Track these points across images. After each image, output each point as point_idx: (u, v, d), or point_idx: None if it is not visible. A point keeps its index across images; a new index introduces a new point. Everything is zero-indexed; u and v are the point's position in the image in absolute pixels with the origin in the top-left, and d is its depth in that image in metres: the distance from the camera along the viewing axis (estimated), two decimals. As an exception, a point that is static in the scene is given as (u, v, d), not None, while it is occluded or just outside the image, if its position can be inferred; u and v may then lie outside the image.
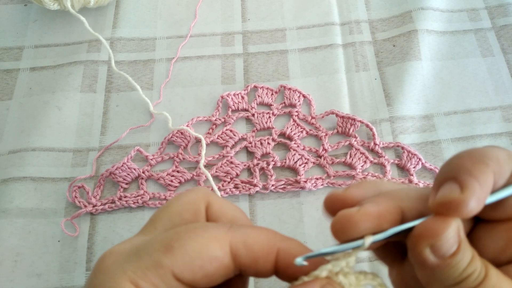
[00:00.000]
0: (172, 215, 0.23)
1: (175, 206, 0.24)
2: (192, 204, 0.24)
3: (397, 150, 0.44)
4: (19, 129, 0.46)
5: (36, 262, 0.39)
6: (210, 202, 0.24)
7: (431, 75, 0.48)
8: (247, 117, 0.46)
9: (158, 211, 0.24)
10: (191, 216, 0.23)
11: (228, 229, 0.21)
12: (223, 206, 0.24)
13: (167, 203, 0.24)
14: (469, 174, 0.19)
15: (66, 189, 0.42)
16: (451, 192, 0.19)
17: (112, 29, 0.52)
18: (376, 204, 0.21)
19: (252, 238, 0.21)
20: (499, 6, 0.52)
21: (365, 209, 0.20)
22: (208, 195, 0.24)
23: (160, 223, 0.23)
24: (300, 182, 0.42)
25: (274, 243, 0.21)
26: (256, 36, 0.51)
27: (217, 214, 0.24)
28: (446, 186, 0.20)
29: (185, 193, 0.24)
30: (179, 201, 0.24)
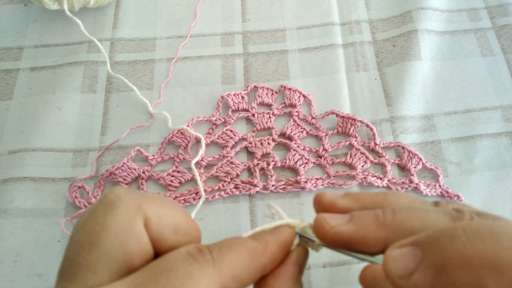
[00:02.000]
0: (112, 253, 0.18)
1: (109, 241, 0.18)
2: (129, 230, 0.19)
3: (398, 150, 0.44)
4: (19, 129, 0.46)
5: (36, 262, 0.39)
6: (146, 217, 0.20)
7: (431, 75, 0.48)
8: (247, 117, 0.46)
9: (83, 251, 0.19)
10: (135, 246, 0.19)
11: (214, 268, 0.19)
12: (161, 216, 0.20)
13: (92, 237, 0.19)
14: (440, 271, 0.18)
15: (66, 189, 0.42)
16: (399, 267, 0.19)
17: (112, 29, 0.52)
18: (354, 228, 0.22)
19: (239, 267, 0.20)
20: (499, 5, 0.52)
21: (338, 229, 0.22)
22: (139, 206, 0.20)
23: (100, 267, 0.18)
24: (300, 182, 0.42)
25: (258, 262, 0.21)
26: (256, 36, 0.51)
27: (158, 231, 0.20)
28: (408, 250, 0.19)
29: (110, 214, 0.19)
30: (109, 231, 0.19)
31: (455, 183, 0.42)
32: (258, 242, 0.22)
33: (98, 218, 0.19)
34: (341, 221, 0.22)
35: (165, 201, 0.21)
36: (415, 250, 0.18)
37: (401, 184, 0.42)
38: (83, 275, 0.18)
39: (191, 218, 0.22)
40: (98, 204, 0.20)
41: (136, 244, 0.19)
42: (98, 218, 0.19)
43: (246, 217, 0.41)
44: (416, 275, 0.17)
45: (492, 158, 0.43)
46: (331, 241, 0.22)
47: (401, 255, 0.18)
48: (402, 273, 0.18)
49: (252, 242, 0.22)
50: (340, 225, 0.21)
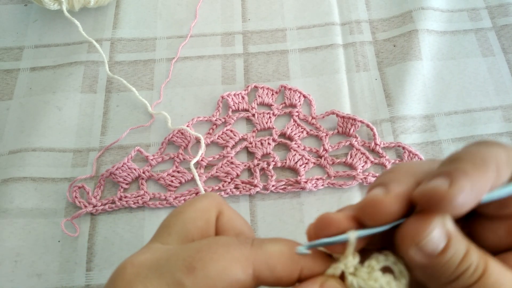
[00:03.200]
0: (186, 221, 0.23)
1: (189, 212, 0.24)
2: (205, 211, 0.24)
3: (398, 150, 0.44)
4: (19, 129, 0.46)
5: (36, 262, 0.39)
6: (221, 211, 0.24)
7: (431, 75, 0.48)
8: (248, 117, 0.46)
9: (171, 216, 0.24)
10: (204, 224, 0.23)
11: (250, 248, 0.21)
12: (232, 218, 0.24)
13: (180, 208, 0.24)
14: (464, 174, 0.19)
15: (66, 189, 0.42)
16: (438, 185, 0.18)
17: (112, 29, 0.52)
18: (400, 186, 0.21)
19: (276, 257, 0.21)
20: (500, 5, 0.52)
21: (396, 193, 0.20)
22: (221, 203, 0.25)
23: (174, 229, 0.23)
24: (300, 182, 0.42)
25: (297, 261, 0.21)
26: (257, 36, 0.51)
27: (226, 226, 0.24)
28: (437, 179, 0.19)
29: (199, 199, 0.25)
30: (192, 207, 0.24)
31: (455, 183, 0.42)
32: None
33: (191, 201, 0.25)
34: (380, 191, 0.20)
35: (238, 213, 0.26)
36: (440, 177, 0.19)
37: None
38: (162, 234, 0.23)
39: (252, 231, 0.25)
40: (199, 196, 0.26)
41: (205, 223, 0.23)
42: (191, 200, 0.25)
43: (246, 217, 0.41)
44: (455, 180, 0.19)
45: (493, 158, 0.43)
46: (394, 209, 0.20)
47: (435, 181, 0.19)
48: (446, 185, 0.18)
49: (297, 243, 0.22)
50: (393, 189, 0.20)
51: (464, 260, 0.19)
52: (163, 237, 0.23)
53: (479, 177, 0.19)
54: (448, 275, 0.19)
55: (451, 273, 0.19)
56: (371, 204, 0.20)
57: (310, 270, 0.21)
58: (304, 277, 0.21)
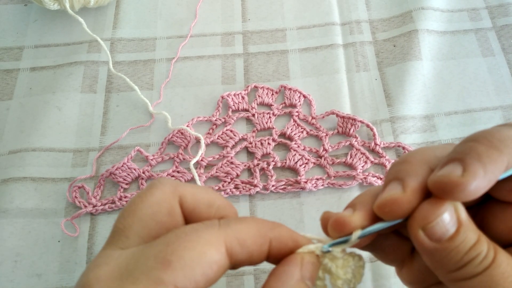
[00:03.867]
0: (144, 220, 0.21)
1: (144, 209, 0.22)
2: (163, 203, 0.22)
3: (398, 150, 0.44)
4: (19, 129, 0.46)
5: (36, 262, 0.39)
6: (181, 194, 0.23)
7: (431, 75, 0.48)
8: (248, 117, 0.46)
9: (123, 217, 0.22)
10: (166, 217, 0.22)
11: (219, 228, 0.21)
12: (195, 193, 0.23)
13: (133, 206, 0.22)
14: (477, 158, 0.19)
15: (66, 189, 0.42)
16: (451, 173, 0.19)
17: (112, 29, 0.52)
18: None
19: (244, 233, 0.21)
20: (500, 5, 0.52)
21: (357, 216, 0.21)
22: (176, 186, 0.23)
23: (132, 231, 0.21)
24: (300, 182, 0.42)
25: (265, 234, 0.22)
26: (257, 36, 0.51)
27: (193, 205, 0.23)
28: (450, 166, 0.19)
29: (150, 192, 0.22)
30: (146, 202, 0.22)
31: (455, 183, 0.42)
32: (271, 222, 0.23)
33: (140, 194, 0.22)
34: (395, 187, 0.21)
35: (198, 186, 0.24)
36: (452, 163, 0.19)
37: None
38: (118, 238, 0.21)
39: (224, 198, 0.24)
40: (145, 187, 0.23)
41: (167, 215, 0.22)
42: (141, 194, 0.22)
43: (246, 217, 0.41)
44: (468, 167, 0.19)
45: (493, 158, 0.43)
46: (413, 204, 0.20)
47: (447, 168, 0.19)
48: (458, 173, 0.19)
49: (263, 219, 0.23)
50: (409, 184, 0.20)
51: (474, 248, 0.19)
52: (121, 242, 0.21)
53: (493, 161, 0.18)
54: (456, 261, 0.19)
55: (459, 260, 0.19)
56: (390, 202, 0.20)
57: (279, 242, 0.22)
58: (274, 251, 0.22)
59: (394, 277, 0.38)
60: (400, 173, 0.21)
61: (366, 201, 0.22)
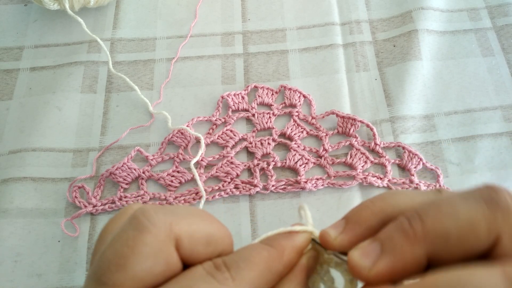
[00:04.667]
0: (138, 276, 0.18)
1: (138, 265, 0.18)
2: (159, 254, 0.18)
3: (398, 150, 0.44)
4: (19, 129, 0.46)
5: (36, 262, 0.39)
6: (177, 237, 0.19)
7: (431, 75, 0.48)
8: (248, 117, 0.46)
9: (109, 271, 0.18)
10: (163, 268, 0.19)
11: (233, 284, 0.19)
12: (193, 233, 0.20)
13: (120, 259, 0.18)
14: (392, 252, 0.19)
15: (66, 189, 0.42)
16: (362, 261, 0.19)
17: (112, 29, 0.52)
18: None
19: (258, 281, 0.20)
20: (499, 5, 0.52)
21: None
22: (170, 228, 0.19)
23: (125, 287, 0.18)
24: (300, 182, 0.42)
25: (276, 271, 0.21)
26: (256, 36, 0.51)
27: (190, 248, 0.20)
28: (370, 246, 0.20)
29: (140, 239, 0.18)
30: (138, 254, 0.18)
31: (455, 183, 0.42)
32: (275, 248, 0.21)
33: (128, 241, 0.18)
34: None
35: (196, 215, 0.21)
36: (375, 244, 0.20)
37: (401, 184, 0.42)
38: None
39: (222, 225, 0.22)
40: (128, 224, 0.19)
41: (165, 266, 0.19)
42: (128, 240, 0.18)
43: (246, 217, 0.41)
44: (378, 262, 0.19)
45: (493, 158, 0.43)
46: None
47: (364, 251, 0.20)
48: (367, 264, 0.19)
49: (269, 250, 0.21)
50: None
51: None
52: None
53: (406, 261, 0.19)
54: None
55: None
56: (322, 240, 0.23)
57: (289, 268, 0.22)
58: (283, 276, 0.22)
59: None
60: (351, 215, 0.22)
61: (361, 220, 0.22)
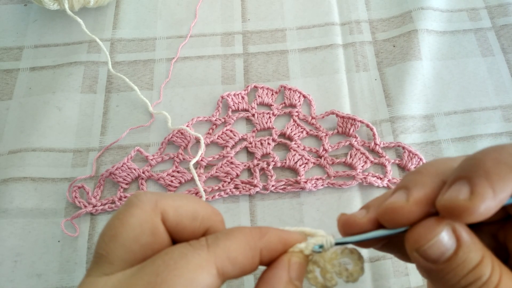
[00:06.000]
0: (127, 245, 0.20)
1: (126, 233, 0.20)
2: (144, 224, 0.21)
3: (398, 150, 0.44)
4: (19, 129, 0.46)
5: (36, 262, 0.39)
6: (163, 210, 0.21)
7: (431, 75, 0.48)
8: (247, 117, 0.46)
9: (103, 242, 0.21)
10: (150, 238, 0.21)
11: (208, 250, 0.20)
12: (178, 207, 0.22)
13: (111, 230, 0.21)
14: (485, 177, 0.18)
15: (66, 189, 0.42)
16: (457, 196, 0.18)
17: (112, 29, 0.52)
18: None
19: (234, 250, 0.21)
20: (499, 5, 0.52)
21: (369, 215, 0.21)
22: (155, 202, 0.21)
23: (116, 257, 0.20)
24: (300, 182, 0.42)
25: (254, 246, 0.21)
26: (256, 36, 0.51)
27: (176, 221, 0.22)
28: (457, 185, 0.18)
29: (129, 212, 0.21)
30: (127, 225, 0.20)
31: (455, 183, 0.42)
32: (259, 229, 0.22)
33: (119, 215, 0.21)
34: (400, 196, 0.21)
35: (181, 196, 0.23)
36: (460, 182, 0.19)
37: (401, 184, 0.42)
38: (101, 264, 0.20)
39: (209, 205, 0.23)
40: (122, 205, 0.22)
41: (151, 236, 0.21)
42: (119, 215, 0.21)
43: (246, 217, 0.41)
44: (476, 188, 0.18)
45: (492, 158, 0.43)
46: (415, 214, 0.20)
47: (454, 190, 0.18)
48: (465, 195, 0.18)
49: (250, 229, 0.22)
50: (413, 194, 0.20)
51: (475, 271, 0.18)
52: (105, 268, 0.20)
53: (502, 178, 0.18)
54: (455, 282, 0.19)
55: (458, 281, 0.18)
56: (391, 211, 0.20)
57: (269, 250, 0.22)
58: (265, 258, 0.22)
59: (394, 277, 0.38)
60: (409, 183, 0.21)
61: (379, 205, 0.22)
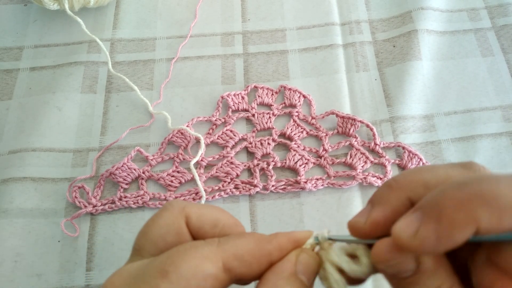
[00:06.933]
0: (154, 241, 0.24)
1: (155, 231, 0.24)
2: (171, 225, 0.24)
3: (398, 150, 0.44)
4: (19, 129, 0.46)
5: (36, 262, 0.39)
6: (187, 215, 0.24)
7: (431, 75, 0.48)
8: (247, 118, 0.46)
9: (138, 238, 0.24)
10: (174, 237, 0.24)
11: (217, 245, 0.22)
12: (201, 214, 0.25)
13: (145, 228, 0.24)
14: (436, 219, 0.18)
15: (66, 189, 0.42)
16: (404, 229, 0.19)
17: (112, 29, 0.52)
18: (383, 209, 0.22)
19: (242, 248, 0.22)
20: (499, 6, 0.52)
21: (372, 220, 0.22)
22: (183, 208, 0.25)
23: (145, 251, 0.24)
24: (300, 182, 0.42)
25: (263, 247, 0.23)
26: (256, 36, 0.51)
27: (198, 224, 0.24)
28: (411, 217, 0.19)
29: (160, 214, 0.25)
30: (156, 225, 0.24)
31: (455, 183, 0.42)
32: (270, 235, 0.24)
33: (153, 217, 0.25)
34: (365, 213, 0.22)
35: (208, 206, 0.26)
36: (416, 214, 0.19)
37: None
38: (134, 256, 0.24)
39: (231, 216, 0.26)
40: (159, 210, 0.25)
41: (175, 235, 0.24)
42: (153, 216, 0.25)
43: (246, 217, 0.41)
44: (420, 229, 0.18)
45: (492, 158, 0.43)
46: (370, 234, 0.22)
47: (405, 222, 0.19)
48: (409, 233, 0.19)
49: (261, 234, 0.24)
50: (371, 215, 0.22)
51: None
52: (136, 259, 0.24)
53: (454, 225, 0.17)
54: None
55: None
56: (351, 229, 0.23)
57: (280, 250, 0.23)
58: (276, 259, 0.23)
59: (394, 277, 0.38)
60: (375, 199, 0.23)
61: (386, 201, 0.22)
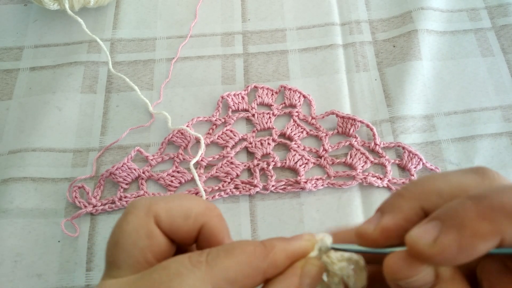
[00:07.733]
0: (127, 250, 0.22)
1: (124, 239, 0.22)
2: (139, 229, 0.22)
3: (398, 150, 0.44)
4: (19, 129, 0.46)
5: (36, 262, 0.39)
6: (155, 214, 0.22)
7: (431, 75, 0.48)
8: (247, 118, 0.46)
9: (109, 249, 0.22)
10: (146, 241, 0.22)
11: (205, 269, 0.20)
12: (170, 208, 0.23)
13: (113, 238, 0.22)
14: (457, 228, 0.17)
15: (66, 189, 0.42)
16: (421, 238, 0.18)
17: (112, 29, 0.52)
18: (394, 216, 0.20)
19: (234, 271, 0.20)
20: (499, 6, 0.52)
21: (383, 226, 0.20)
22: (149, 207, 0.23)
23: (121, 262, 0.22)
24: (300, 182, 0.42)
25: (257, 266, 0.21)
26: (256, 36, 0.51)
27: (169, 220, 0.23)
28: (428, 225, 0.18)
29: (125, 219, 0.22)
30: (124, 232, 0.22)
31: (455, 183, 0.42)
32: (264, 245, 0.21)
33: (118, 223, 0.23)
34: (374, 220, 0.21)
35: (174, 196, 0.24)
36: (434, 223, 0.18)
37: (401, 185, 0.42)
38: (111, 269, 0.22)
39: (204, 201, 0.24)
40: (122, 213, 0.23)
41: (147, 239, 0.22)
42: (118, 223, 0.23)
43: (246, 217, 0.41)
44: (440, 237, 0.17)
45: (492, 158, 0.43)
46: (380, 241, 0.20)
47: (422, 230, 0.18)
48: (428, 241, 0.17)
49: (256, 246, 0.21)
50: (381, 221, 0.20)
51: None
52: (114, 272, 0.22)
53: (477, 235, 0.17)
54: None
55: None
56: (359, 236, 0.21)
57: (275, 268, 0.21)
58: (271, 276, 0.21)
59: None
60: (386, 207, 0.21)
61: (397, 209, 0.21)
